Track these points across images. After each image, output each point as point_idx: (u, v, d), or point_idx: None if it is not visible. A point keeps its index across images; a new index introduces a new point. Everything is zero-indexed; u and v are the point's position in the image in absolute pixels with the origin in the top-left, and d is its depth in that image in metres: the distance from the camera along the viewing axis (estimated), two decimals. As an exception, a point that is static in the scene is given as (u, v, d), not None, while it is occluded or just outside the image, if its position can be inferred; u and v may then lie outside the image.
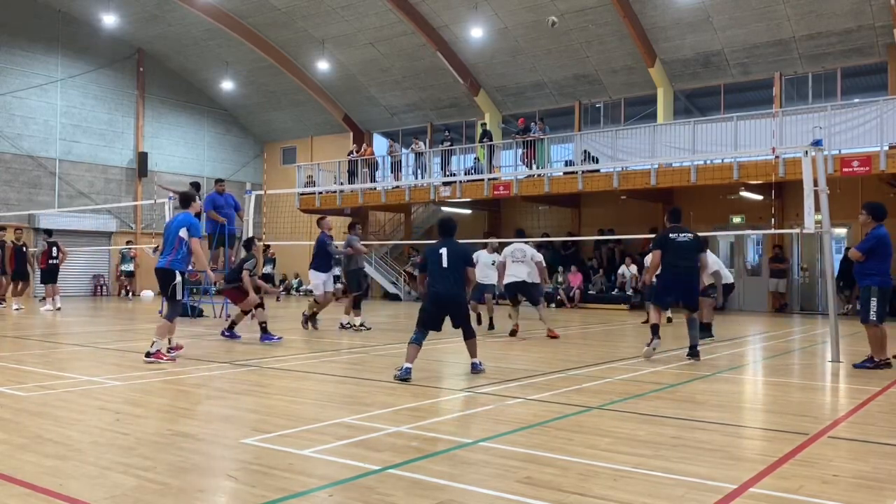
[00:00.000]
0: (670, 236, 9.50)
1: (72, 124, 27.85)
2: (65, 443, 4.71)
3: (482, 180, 22.93)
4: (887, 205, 9.19)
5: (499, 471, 4.14)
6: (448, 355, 9.68)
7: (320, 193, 26.59)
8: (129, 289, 27.13)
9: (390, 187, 25.44)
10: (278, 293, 12.49)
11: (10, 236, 18.98)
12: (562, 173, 22.38)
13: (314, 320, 13.31)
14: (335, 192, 26.24)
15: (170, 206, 16.53)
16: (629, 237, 20.97)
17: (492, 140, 24.52)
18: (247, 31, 26.92)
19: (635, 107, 24.88)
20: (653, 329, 9.57)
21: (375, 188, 25.66)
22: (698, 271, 9.65)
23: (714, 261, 12.05)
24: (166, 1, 25.71)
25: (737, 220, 22.42)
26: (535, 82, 25.66)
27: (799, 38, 20.94)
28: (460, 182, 23.19)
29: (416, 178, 24.95)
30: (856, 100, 20.06)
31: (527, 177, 22.62)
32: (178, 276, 8.53)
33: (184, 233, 8.48)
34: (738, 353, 10.88)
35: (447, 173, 24.24)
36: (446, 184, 23.35)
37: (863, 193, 19.08)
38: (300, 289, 30.23)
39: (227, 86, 30.20)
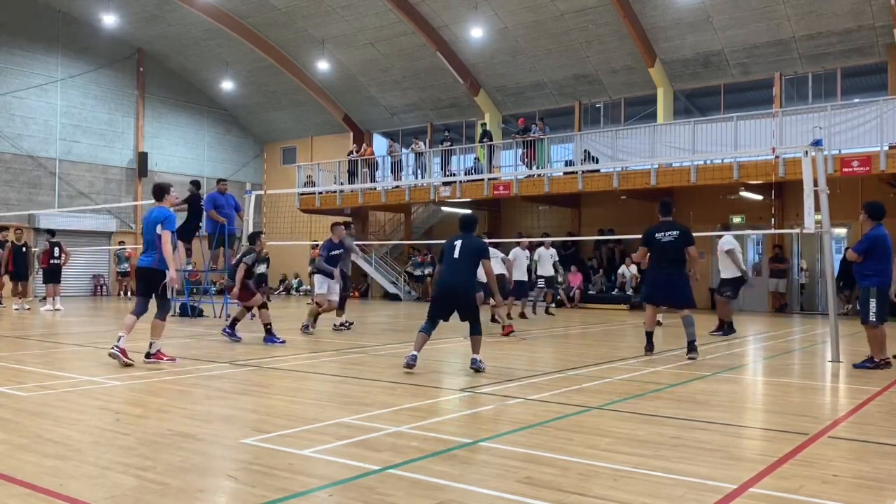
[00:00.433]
0: (656, 235, 9.51)
1: (72, 124, 27.85)
2: (65, 443, 4.70)
3: (482, 180, 22.93)
4: (887, 205, 9.18)
5: (499, 471, 4.14)
6: (448, 355, 9.68)
7: (320, 193, 26.59)
8: (127, 289, 27.12)
9: (390, 187, 25.44)
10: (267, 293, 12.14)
11: (11, 236, 18.97)
12: (562, 173, 22.38)
13: (313, 324, 13.06)
14: (335, 192, 26.24)
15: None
16: (629, 237, 20.92)
17: (492, 140, 24.52)
18: (247, 31, 26.92)
19: (635, 107, 24.88)
20: (647, 336, 9.79)
21: (375, 188, 25.66)
22: (685, 269, 9.57)
23: (729, 240, 12.09)
24: (166, 1, 25.71)
25: (737, 220, 22.39)
26: (535, 82, 25.66)
27: (799, 38, 20.94)
28: (460, 182, 23.19)
29: (416, 178, 24.95)
30: (856, 100, 20.07)
31: (527, 177, 22.62)
32: (168, 276, 8.33)
33: (159, 228, 8.24)
34: (738, 353, 10.88)
35: (447, 173, 24.24)
36: (446, 184, 23.35)
37: (863, 193, 19.07)
38: (300, 289, 30.24)
39: (227, 86, 30.20)
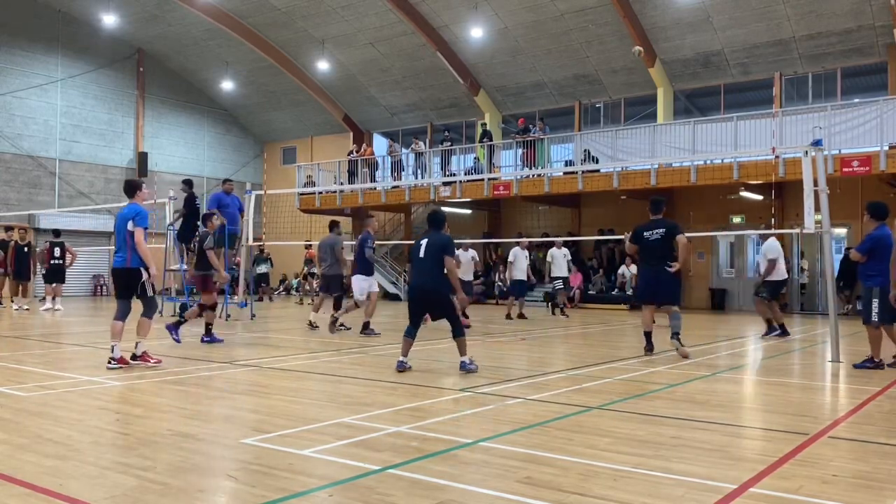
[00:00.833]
0: (644, 234, 9.54)
1: (72, 124, 27.86)
2: (65, 443, 4.70)
3: (482, 180, 22.94)
4: (888, 205, 9.17)
5: (499, 471, 4.14)
6: (448, 355, 9.67)
7: (320, 193, 26.60)
8: None
9: (390, 187, 25.44)
10: (225, 279, 11.80)
11: (16, 236, 18.93)
12: (562, 173, 22.39)
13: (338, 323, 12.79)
14: (335, 192, 26.25)
15: (170, 206, 16.54)
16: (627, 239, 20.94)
17: (492, 140, 24.52)
18: (247, 31, 26.92)
19: (635, 107, 24.89)
20: (646, 336, 9.79)
21: (375, 188, 25.67)
22: (672, 265, 9.41)
23: (774, 248, 12.02)
24: (166, 1, 25.71)
25: (737, 220, 22.41)
26: (535, 82, 25.66)
27: (799, 38, 20.94)
28: (460, 182, 23.20)
29: (416, 178, 24.95)
30: (856, 100, 20.06)
31: (527, 177, 22.62)
32: (145, 274, 8.04)
33: (130, 225, 7.95)
34: (738, 353, 10.88)
35: (447, 173, 24.25)
36: (446, 184, 23.35)
37: (863, 193, 19.09)
38: (300, 289, 30.20)
39: (227, 86, 30.21)
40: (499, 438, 4.91)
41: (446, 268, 7.92)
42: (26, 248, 18.68)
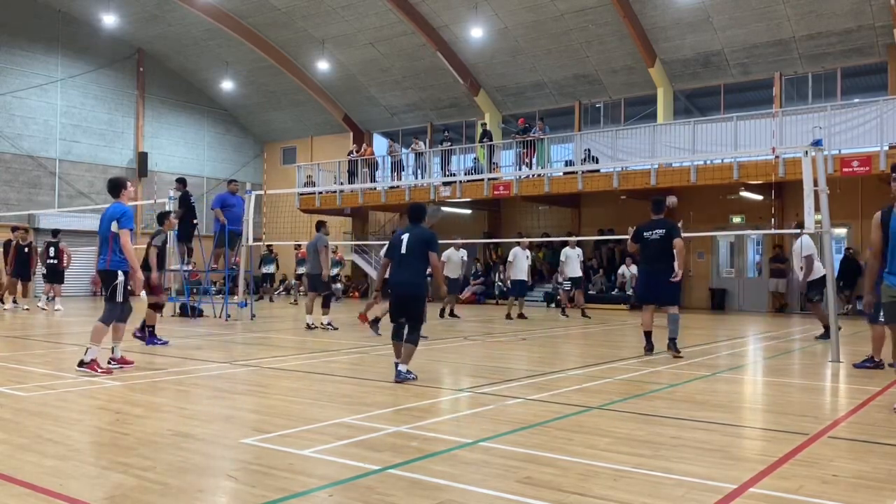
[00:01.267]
0: (644, 234, 9.55)
1: (72, 124, 27.85)
2: (65, 443, 4.70)
3: (482, 180, 22.94)
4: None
5: (499, 471, 4.14)
6: (448, 355, 9.68)
7: (320, 193, 26.61)
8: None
9: (390, 187, 25.45)
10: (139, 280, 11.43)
11: (20, 236, 18.91)
12: (562, 173, 22.39)
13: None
14: (335, 192, 26.25)
15: (170, 206, 16.52)
16: (629, 237, 20.94)
17: (492, 140, 24.52)
18: (247, 31, 26.92)
19: (635, 107, 24.88)
20: (645, 336, 9.79)
21: (375, 188, 25.67)
22: (673, 267, 9.35)
23: (808, 245, 11.82)
24: (166, 1, 25.71)
25: (737, 220, 22.41)
26: (535, 82, 25.66)
27: (799, 38, 20.93)
28: (460, 182, 23.20)
29: (416, 178, 24.95)
30: (856, 100, 20.06)
31: (527, 177, 22.62)
32: (121, 276, 7.72)
33: (114, 226, 7.65)
34: (738, 353, 10.88)
35: (447, 173, 24.25)
36: (446, 184, 23.35)
37: (863, 193, 19.10)
38: (300, 289, 30.19)
39: (227, 86, 30.20)
40: (499, 438, 4.91)
41: (431, 264, 7.37)
42: (27, 249, 18.68)
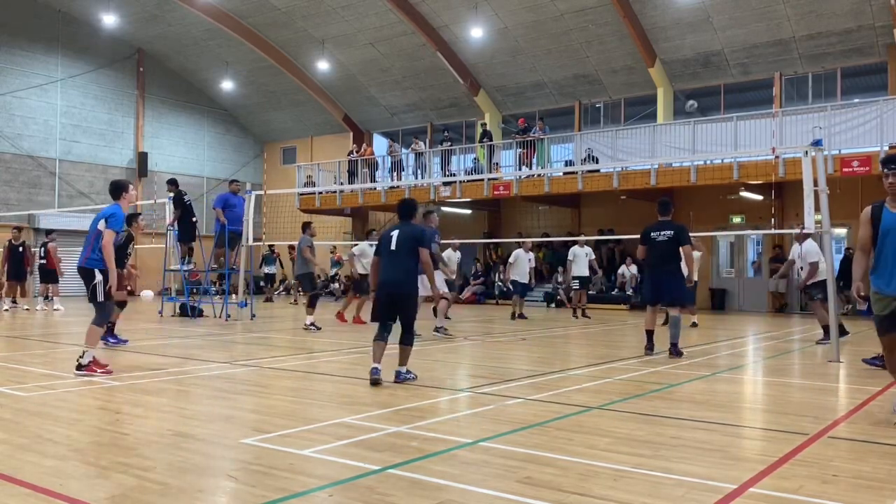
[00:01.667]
0: (651, 234, 9.55)
1: (72, 124, 27.85)
2: (65, 443, 4.71)
3: (482, 180, 22.95)
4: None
5: (499, 471, 4.14)
6: (447, 355, 9.68)
7: (320, 193, 26.61)
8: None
9: (390, 187, 25.45)
10: (130, 284, 11.31)
11: (21, 236, 18.81)
12: (562, 173, 22.39)
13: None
14: (335, 192, 26.25)
15: (170, 206, 16.52)
16: (629, 237, 20.94)
17: (492, 140, 24.53)
18: (247, 31, 26.92)
19: (635, 107, 24.88)
20: (647, 335, 9.78)
21: (375, 188, 25.67)
22: (680, 269, 9.50)
23: (814, 251, 11.77)
24: (166, 1, 25.71)
25: (737, 220, 22.41)
26: (535, 82, 25.66)
27: (799, 38, 20.93)
28: (460, 182, 23.21)
29: (416, 178, 24.95)
30: (856, 100, 20.07)
31: (527, 177, 22.62)
32: (99, 276, 7.58)
33: (102, 224, 7.52)
34: (738, 353, 10.88)
35: (447, 173, 24.25)
36: (446, 184, 23.36)
37: (863, 194, 19.08)
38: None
39: (227, 86, 30.20)
40: (499, 438, 4.91)
41: (421, 261, 7.09)
42: (20, 248, 18.52)
